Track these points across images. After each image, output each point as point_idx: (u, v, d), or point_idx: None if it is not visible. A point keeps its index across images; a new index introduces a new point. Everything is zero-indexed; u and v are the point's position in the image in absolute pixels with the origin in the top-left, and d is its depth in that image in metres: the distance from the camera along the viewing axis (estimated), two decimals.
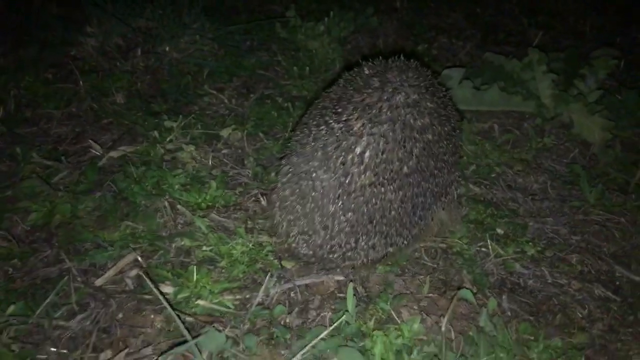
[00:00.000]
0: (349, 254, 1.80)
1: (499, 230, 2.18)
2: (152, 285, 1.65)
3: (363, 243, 1.77)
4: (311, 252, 1.85)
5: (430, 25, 4.54)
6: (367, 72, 1.87)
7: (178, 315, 1.54)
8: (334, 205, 1.72)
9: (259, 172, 2.49)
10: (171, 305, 1.60)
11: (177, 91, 3.16)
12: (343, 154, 1.69)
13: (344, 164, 1.69)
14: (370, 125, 1.68)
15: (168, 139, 2.61)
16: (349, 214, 1.72)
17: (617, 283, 2.02)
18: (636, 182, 2.53)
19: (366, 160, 1.68)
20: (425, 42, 4.16)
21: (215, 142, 2.66)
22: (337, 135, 1.70)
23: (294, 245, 1.89)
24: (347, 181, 1.69)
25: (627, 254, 2.15)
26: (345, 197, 1.71)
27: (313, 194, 1.75)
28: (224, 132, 2.72)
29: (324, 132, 1.74)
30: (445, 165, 1.83)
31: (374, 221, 1.73)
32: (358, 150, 1.68)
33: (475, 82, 3.07)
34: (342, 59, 3.67)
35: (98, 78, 3.14)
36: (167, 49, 3.45)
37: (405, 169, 1.70)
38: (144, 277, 1.71)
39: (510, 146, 2.75)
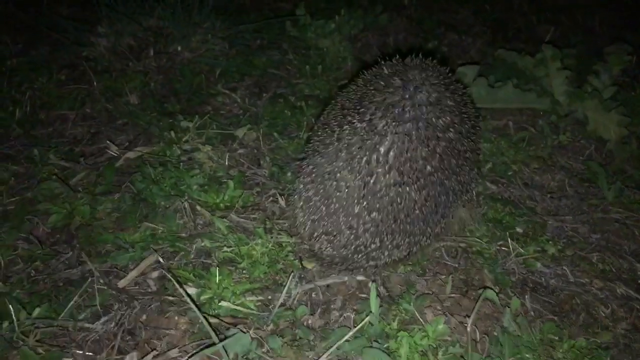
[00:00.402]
0: (374, 253, 1.80)
1: (518, 229, 2.17)
2: (180, 288, 1.65)
3: (387, 242, 1.76)
4: (335, 253, 1.85)
5: (439, 22, 4.52)
6: (386, 71, 1.86)
7: (205, 318, 1.54)
8: (359, 206, 1.72)
9: (276, 172, 2.48)
10: (197, 307, 1.60)
11: (190, 91, 3.16)
12: (367, 153, 1.69)
13: (368, 164, 1.69)
14: (394, 124, 1.67)
15: (184, 139, 2.61)
16: (374, 213, 1.72)
17: (639, 281, 2.01)
18: None
19: (391, 159, 1.67)
20: (435, 39, 4.15)
21: (230, 142, 2.66)
22: (361, 135, 1.70)
23: (317, 246, 1.88)
24: (372, 181, 1.69)
25: None
26: (370, 197, 1.70)
27: (337, 194, 1.74)
28: (239, 132, 2.71)
29: (347, 132, 1.73)
30: (466, 163, 1.83)
31: (399, 220, 1.73)
32: (382, 149, 1.68)
33: (489, 80, 3.06)
34: (353, 57, 3.66)
35: (111, 78, 3.14)
36: (179, 48, 3.45)
37: (428, 167, 1.70)
38: (171, 278, 1.71)
39: (525, 144, 2.74)
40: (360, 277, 1.93)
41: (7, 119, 2.71)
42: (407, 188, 1.69)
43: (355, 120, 1.73)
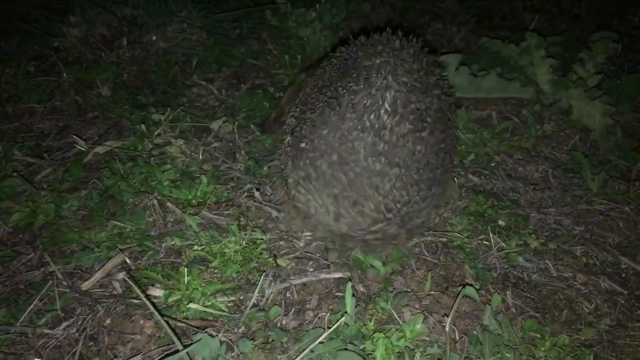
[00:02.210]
0: (404, 209, 1.76)
1: (500, 222, 2.11)
2: (139, 292, 1.56)
3: (415, 194, 1.74)
4: (369, 222, 1.77)
5: (424, 11, 4.44)
6: (364, 45, 1.85)
7: (167, 322, 1.46)
8: (380, 164, 1.68)
9: (252, 166, 2.40)
10: (159, 312, 1.52)
11: (165, 82, 3.06)
12: (374, 109, 1.66)
13: (378, 118, 1.66)
14: (391, 77, 1.67)
15: (156, 133, 2.51)
16: (395, 168, 1.69)
17: (624, 275, 1.96)
18: (639, 169, 2.46)
19: (399, 109, 1.66)
20: (419, 27, 4.07)
21: (205, 135, 2.57)
22: (364, 94, 1.67)
23: (342, 227, 1.80)
24: (386, 135, 1.66)
25: (633, 244, 2.09)
26: (389, 152, 1.67)
27: (353, 157, 1.68)
28: (214, 125, 2.62)
29: (346, 96, 1.70)
30: (450, 124, 1.86)
31: (420, 170, 1.73)
32: (387, 102, 1.66)
33: (472, 69, 2.98)
34: (334, 47, 3.56)
35: (82, 70, 3.02)
36: (154, 38, 3.33)
37: (432, 114, 1.72)
38: (131, 283, 1.61)
39: (509, 134, 2.68)
40: (336, 275, 1.86)
41: None
42: (418, 134, 1.70)
43: (351, 83, 1.70)
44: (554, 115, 2.86)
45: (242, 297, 1.77)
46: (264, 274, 1.80)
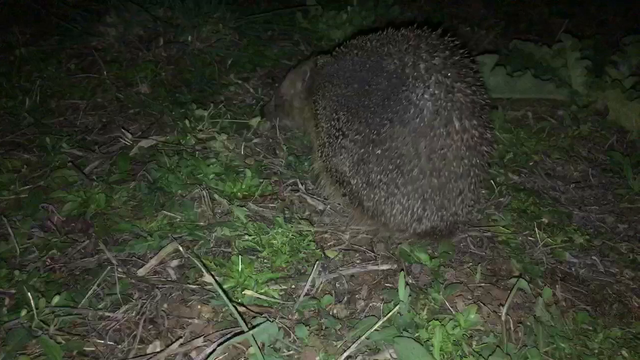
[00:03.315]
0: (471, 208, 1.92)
1: (544, 219, 2.12)
2: (208, 275, 1.60)
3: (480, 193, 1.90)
4: (446, 223, 1.87)
5: (451, 14, 4.47)
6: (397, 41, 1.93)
7: (235, 307, 1.49)
8: (463, 166, 1.79)
9: (292, 161, 2.44)
10: (227, 295, 1.54)
11: (202, 81, 3.10)
12: (452, 114, 1.76)
13: (460, 122, 1.76)
14: (450, 80, 1.77)
15: (198, 128, 2.56)
16: (473, 169, 1.82)
17: None
18: None
19: (469, 113, 1.78)
20: (448, 31, 4.09)
21: (245, 131, 2.61)
22: (435, 100, 1.76)
23: (420, 228, 1.88)
24: (465, 135, 1.76)
25: None
26: (468, 153, 1.78)
27: (443, 162, 1.77)
28: (253, 122, 2.66)
29: (414, 104, 1.77)
30: None
31: (484, 165, 1.87)
32: (459, 107, 1.77)
33: (507, 69, 3.00)
34: None
35: (121, 68, 3.09)
36: (190, 38, 3.39)
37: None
38: (198, 264, 1.65)
39: (545, 134, 2.69)
40: (385, 267, 1.88)
41: (17, 108, 2.66)
42: (486, 135, 1.84)
43: (417, 89, 1.78)
44: (589, 116, 2.87)
45: (293, 286, 1.79)
46: (317, 263, 1.82)
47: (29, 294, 1.56)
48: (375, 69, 1.90)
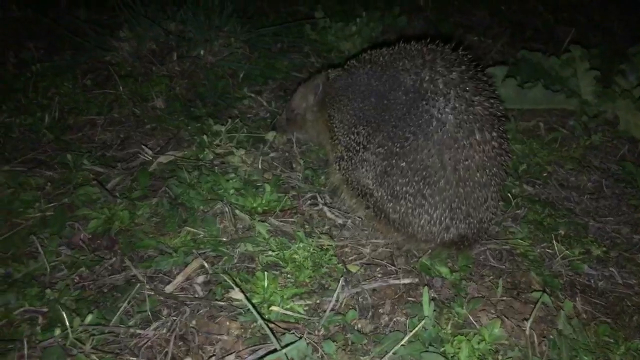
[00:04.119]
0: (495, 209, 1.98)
1: (560, 231, 2.16)
2: (240, 293, 1.63)
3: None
4: (473, 231, 1.92)
5: (457, 24, 4.52)
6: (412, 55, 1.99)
7: (267, 324, 1.52)
8: (486, 176, 1.85)
9: (310, 175, 2.47)
10: (259, 312, 1.58)
11: (215, 95, 3.14)
12: (473, 125, 1.83)
13: (481, 133, 1.84)
14: (469, 95, 1.85)
15: (215, 143, 2.60)
16: (495, 178, 1.90)
17: None
18: None
19: (488, 124, 1.86)
20: (455, 41, 4.13)
21: (261, 145, 2.64)
22: (455, 109, 1.83)
23: (447, 236, 1.92)
24: (487, 147, 1.84)
25: None
26: (489, 163, 1.86)
27: (469, 172, 1.83)
28: (269, 136, 2.70)
29: (436, 118, 1.83)
30: None
31: (503, 174, 1.95)
32: (479, 119, 1.84)
33: (517, 80, 3.04)
34: None
35: (136, 83, 3.13)
36: (202, 52, 3.43)
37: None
38: (227, 280, 1.69)
39: (557, 144, 2.72)
40: (406, 280, 1.91)
41: (37, 125, 2.70)
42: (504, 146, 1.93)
43: (438, 103, 1.84)
44: (600, 126, 2.91)
45: (317, 301, 1.82)
46: (342, 279, 1.85)
47: (62, 312, 1.60)
48: (392, 83, 1.95)
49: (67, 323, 1.58)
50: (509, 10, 4.99)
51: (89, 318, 1.63)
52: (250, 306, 1.57)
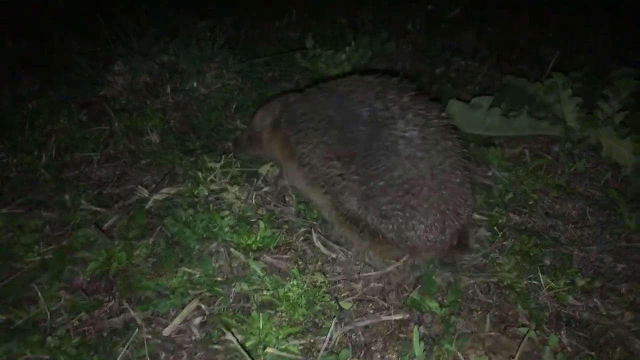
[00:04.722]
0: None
1: (546, 261, 2.22)
2: (235, 340, 1.69)
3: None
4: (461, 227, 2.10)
5: (444, 47, 4.61)
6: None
7: None
8: (457, 176, 2.07)
9: (302, 209, 2.53)
10: (252, 357, 1.63)
11: (209, 127, 3.21)
12: (431, 136, 2.05)
13: (444, 139, 2.08)
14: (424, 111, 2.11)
15: (209, 179, 2.66)
16: (466, 176, 2.15)
17: None
18: None
19: (445, 131, 2.12)
20: (442, 64, 4.23)
21: (255, 179, 2.70)
22: (417, 125, 2.04)
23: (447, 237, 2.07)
24: (451, 152, 2.08)
25: None
26: (457, 164, 2.08)
27: (446, 175, 2.03)
28: (262, 169, 2.76)
29: (401, 137, 2.03)
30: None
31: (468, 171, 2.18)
32: (436, 127, 2.09)
33: (502, 108, 3.13)
34: None
35: (131, 118, 3.19)
36: (195, 84, 3.50)
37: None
38: (231, 336, 1.75)
39: (543, 172, 2.80)
40: (398, 316, 1.97)
41: (34, 164, 2.75)
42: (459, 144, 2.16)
43: (409, 128, 2.06)
44: (584, 152, 2.98)
45: (312, 340, 1.88)
46: (334, 319, 1.91)
47: None
48: (349, 116, 2.14)
49: None
50: (495, 31, 5.09)
51: None
52: (242, 352, 1.62)
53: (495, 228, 2.36)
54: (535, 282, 2.12)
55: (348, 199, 2.13)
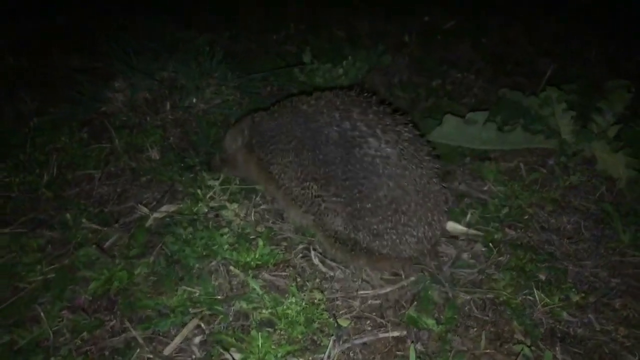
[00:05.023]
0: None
1: (541, 276, 2.25)
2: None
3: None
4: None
5: (441, 59, 4.66)
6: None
7: None
8: (436, 185, 2.16)
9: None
10: None
11: (208, 143, 3.24)
12: (406, 151, 2.10)
13: (417, 152, 2.15)
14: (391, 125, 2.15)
15: (208, 196, 2.69)
16: (441, 182, 2.23)
17: None
18: None
19: (416, 142, 2.19)
20: (439, 77, 4.28)
21: (253, 196, 2.74)
22: (389, 142, 2.08)
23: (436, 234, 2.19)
24: (425, 162, 2.16)
25: None
26: (432, 172, 2.16)
27: (426, 187, 2.11)
28: (260, 186, 2.80)
29: (378, 156, 2.07)
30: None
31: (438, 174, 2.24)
32: (407, 140, 2.14)
33: (497, 122, 3.17)
34: None
35: (131, 134, 3.22)
36: (194, 100, 3.55)
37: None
38: (225, 352, 1.78)
39: (538, 186, 2.83)
40: (395, 333, 2.00)
41: (35, 182, 2.78)
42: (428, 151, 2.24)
43: (382, 145, 2.09)
44: (579, 165, 3.02)
45: (310, 358, 1.91)
46: (332, 338, 1.94)
47: None
48: (318, 137, 2.18)
49: None
50: (491, 42, 5.15)
51: None
52: None
53: (490, 244, 2.39)
54: (530, 297, 2.15)
55: (333, 220, 2.19)
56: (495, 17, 5.57)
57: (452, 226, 2.52)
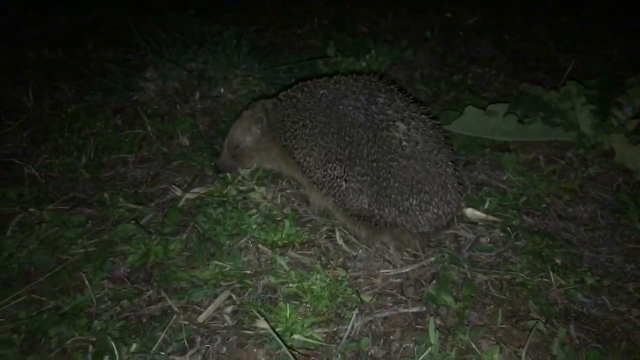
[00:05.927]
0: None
1: (557, 261, 2.33)
2: (267, 325, 1.85)
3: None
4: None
5: (462, 55, 4.73)
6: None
7: (290, 351, 1.73)
8: (450, 167, 2.30)
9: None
10: (283, 342, 1.78)
11: None
12: (428, 137, 2.26)
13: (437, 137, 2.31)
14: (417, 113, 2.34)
15: (237, 180, 2.82)
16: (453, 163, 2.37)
17: None
18: None
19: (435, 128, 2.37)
20: (460, 72, 4.35)
21: (280, 181, 2.86)
22: (418, 128, 2.26)
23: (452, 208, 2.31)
24: (445, 148, 2.31)
25: None
26: (447, 157, 2.29)
27: (446, 169, 2.27)
28: (284, 172, 2.91)
29: (406, 139, 2.21)
30: None
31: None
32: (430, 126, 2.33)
33: (517, 114, 3.24)
34: None
35: (163, 122, 3.37)
36: (222, 90, 3.69)
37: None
38: (262, 319, 1.92)
39: (556, 176, 2.91)
40: (415, 309, 2.11)
41: (74, 164, 2.95)
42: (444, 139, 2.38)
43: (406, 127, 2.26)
44: (597, 157, 3.08)
45: (334, 329, 2.02)
46: (356, 310, 2.05)
47: (111, 342, 1.82)
48: (343, 120, 2.29)
49: (116, 352, 1.79)
50: (512, 39, 5.19)
51: (134, 347, 1.85)
52: (275, 335, 1.77)
53: (508, 229, 2.47)
54: (546, 279, 2.24)
55: (357, 198, 2.30)
56: (517, 15, 5.60)
57: (471, 212, 2.61)
